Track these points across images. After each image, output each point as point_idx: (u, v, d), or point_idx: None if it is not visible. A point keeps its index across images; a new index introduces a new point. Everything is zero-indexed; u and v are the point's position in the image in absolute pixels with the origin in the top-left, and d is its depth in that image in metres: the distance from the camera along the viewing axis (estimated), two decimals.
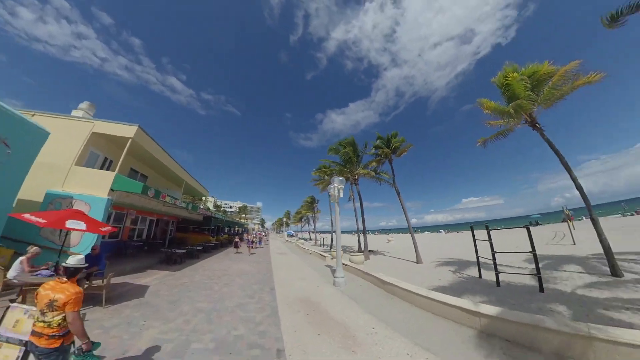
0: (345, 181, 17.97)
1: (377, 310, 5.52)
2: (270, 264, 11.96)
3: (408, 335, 4.13)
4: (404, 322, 4.78)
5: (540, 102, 9.03)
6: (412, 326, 4.59)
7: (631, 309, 5.23)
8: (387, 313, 5.32)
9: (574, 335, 3.31)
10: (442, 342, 3.92)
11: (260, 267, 11.11)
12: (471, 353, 3.59)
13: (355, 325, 4.55)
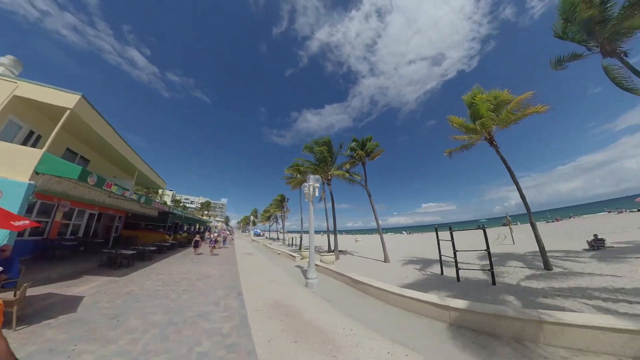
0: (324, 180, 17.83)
1: (353, 310, 5.42)
2: (236, 266, 11.10)
3: (386, 334, 4.09)
4: (380, 321, 4.78)
5: (498, 123, 10.21)
6: (388, 324, 4.62)
7: (562, 295, 6.23)
8: (362, 313, 5.27)
9: (528, 321, 3.75)
10: (418, 337, 4.05)
11: (225, 269, 10.21)
12: (445, 345, 3.79)
13: (333, 328, 4.33)
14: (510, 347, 3.61)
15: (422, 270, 10.94)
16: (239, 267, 10.88)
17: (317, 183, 8.60)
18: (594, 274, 7.91)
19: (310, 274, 7.73)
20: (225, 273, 9.31)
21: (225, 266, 10.98)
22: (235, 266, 11.07)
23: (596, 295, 6.02)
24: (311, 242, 8.53)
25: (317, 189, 8.60)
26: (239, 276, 8.77)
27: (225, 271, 9.72)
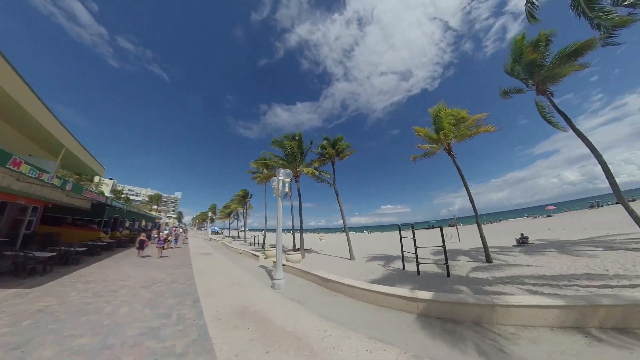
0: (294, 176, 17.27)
1: (325, 310, 5.24)
2: (191, 268, 9.89)
3: (361, 331, 4.03)
4: (353, 319, 4.75)
5: (457, 136, 11.48)
6: (362, 321, 4.62)
7: (502, 283, 7.22)
8: (335, 312, 5.14)
9: (484, 306, 4.27)
10: (392, 331, 4.17)
11: (177, 273, 8.98)
12: (417, 335, 4.02)
13: (307, 332, 4.03)
14: (471, 330, 4.03)
15: (385, 266, 11.44)
16: (195, 269, 9.72)
17: (288, 178, 8.15)
18: (523, 264, 9.31)
19: (278, 274, 7.28)
20: (177, 277, 8.16)
21: (178, 269, 9.68)
22: (190, 269, 9.85)
23: (527, 282, 7.10)
24: (278, 240, 8.07)
25: (287, 184, 8.15)
26: (195, 280, 7.78)
27: (178, 275, 8.54)
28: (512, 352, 3.37)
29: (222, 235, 50.11)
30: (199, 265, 10.83)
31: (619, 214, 20.92)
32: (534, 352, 3.33)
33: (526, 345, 3.52)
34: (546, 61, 10.35)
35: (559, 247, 12.11)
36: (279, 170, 8.32)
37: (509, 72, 11.49)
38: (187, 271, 9.26)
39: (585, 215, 29.55)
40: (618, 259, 8.42)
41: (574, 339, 3.52)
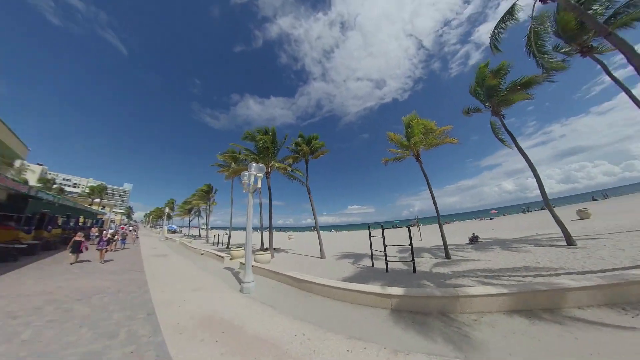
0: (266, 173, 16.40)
1: (301, 312, 5.03)
2: (144, 273, 8.66)
3: (340, 331, 3.97)
4: (330, 319, 4.63)
5: (425, 145, 12.37)
6: (339, 320, 4.54)
7: (461, 276, 7.87)
8: (311, 313, 4.96)
9: (449, 297, 4.65)
10: (369, 328, 4.20)
11: (125, 279, 7.75)
12: (393, 329, 4.13)
13: (285, 338, 3.78)
14: (439, 320, 4.34)
15: (355, 264, 11.64)
16: (148, 274, 8.52)
17: (260, 173, 7.63)
18: (475, 259, 10.36)
19: (247, 276, 6.78)
20: (125, 285, 7.02)
21: (126, 275, 8.38)
22: (142, 274, 8.61)
23: (480, 274, 7.89)
24: (248, 239, 7.52)
25: (259, 179, 7.63)
26: (149, 287, 6.78)
27: (126, 282, 7.36)
28: (475, 336, 3.73)
29: (180, 234, 45.82)
30: (153, 269, 9.56)
31: (545, 217, 25.03)
32: (492, 334, 3.77)
33: (486, 329, 3.93)
34: (502, 88, 12.06)
35: (502, 244, 13.79)
36: (251, 165, 7.76)
37: (472, 93, 13.14)
38: (138, 277, 8.06)
39: (518, 218, 34.10)
40: (546, 254, 9.84)
41: (521, 320, 4.07)
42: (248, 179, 7.81)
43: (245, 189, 7.97)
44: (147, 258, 12.38)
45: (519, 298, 4.41)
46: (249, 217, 7.58)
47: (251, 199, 7.70)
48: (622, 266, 6.79)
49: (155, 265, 10.33)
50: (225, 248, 19.41)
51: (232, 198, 20.74)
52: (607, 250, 8.80)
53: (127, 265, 10.35)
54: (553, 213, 11.49)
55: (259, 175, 7.55)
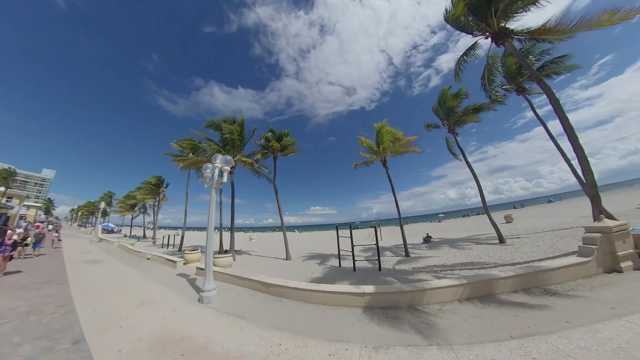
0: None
1: (273, 320, 4.68)
2: (67, 286, 6.98)
3: (318, 335, 3.87)
4: (307, 324, 4.43)
5: (392, 151, 13.28)
6: (316, 324, 4.38)
7: (421, 271, 8.67)
8: (285, 320, 4.65)
9: (416, 291, 5.01)
10: (346, 328, 4.19)
11: (40, 296, 6.12)
12: (369, 326, 4.20)
13: (259, 351, 3.43)
14: (408, 312, 4.61)
15: (322, 264, 11.59)
16: (74, 287, 6.89)
17: (228, 166, 6.88)
18: (431, 256, 11.43)
19: (207, 283, 6.03)
20: (40, 303, 5.52)
21: (42, 290, 6.63)
22: (65, 287, 6.93)
23: (436, 269, 8.75)
24: (209, 241, 6.73)
25: (225, 173, 6.89)
26: (75, 305, 5.45)
27: (42, 300, 5.80)
28: (441, 323, 4.09)
29: (119, 234, 39.41)
30: (81, 280, 7.81)
31: (481, 221, 29.11)
32: (455, 320, 4.17)
33: (449, 316, 4.34)
34: (459, 110, 14.04)
35: (450, 243, 15.42)
36: (216, 156, 6.95)
37: (434, 111, 14.91)
38: (58, 292, 6.45)
39: (461, 221, 39.25)
40: (484, 250, 11.41)
41: (474, 306, 4.65)
42: (212, 171, 7.02)
43: (207, 184, 7.14)
44: (74, 265, 10.11)
45: (470, 287, 5.05)
46: (211, 216, 6.78)
47: (214, 195, 6.91)
48: (538, 258, 8.36)
49: (84, 275, 8.47)
50: (177, 251, 17.34)
51: (188, 193, 18.64)
52: (527, 246, 10.64)
53: (43, 276, 8.22)
54: (490, 217, 13.61)
55: (225, 169, 6.80)
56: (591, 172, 7.71)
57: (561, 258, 6.76)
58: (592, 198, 7.73)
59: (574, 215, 18.78)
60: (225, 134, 12.04)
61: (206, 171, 7.21)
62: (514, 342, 3.25)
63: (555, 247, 9.67)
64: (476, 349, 3.18)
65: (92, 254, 13.97)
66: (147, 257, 12.85)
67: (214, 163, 6.94)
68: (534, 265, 5.82)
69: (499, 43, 9.61)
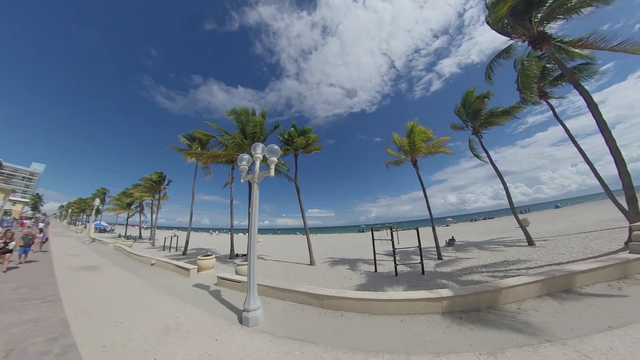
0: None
1: (351, 341, 3.69)
2: (60, 305, 5.25)
3: (415, 350, 3.33)
4: (392, 339, 3.70)
5: (424, 151, 12.56)
6: (403, 338, 3.70)
7: (467, 273, 7.98)
8: (365, 338, 3.75)
9: (493, 291, 4.62)
10: (439, 337, 3.66)
11: (23, 323, 4.39)
12: (461, 331, 3.74)
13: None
14: (491, 313, 4.25)
15: (354, 270, 10.32)
16: (69, 307, 5.16)
17: (274, 156, 5.45)
18: (465, 258, 10.47)
19: (252, 300, 4.58)
20: (24, 337, 3.82)
21: (26, 312, 4.83)
22: (57, 306, 5.18)
23: (481, 270, 8.14)
24: (252, 246, 5.30)
25: (273, 165, 5.48)
26: (74, 338, 3.80)
27: (27, 329, 4.07)
28: (531, 320, 3.81)
29: (113, 234, 36.59)
30: (78, 294, 6.07)
31: (494, 225, 28.33)
32: (542, 316, 3.93)
33: (533, 313, 4.07)
34: (484, 112, 13.43)
35: (476, 246, 14.30)
36: (256, 145, 5.60)
37: (456, 112, 14.37)
38: (49, 314, 4.74)
39: (470, 225, 37.29)
40: (517, 252, 10.54)
41: (552, 302, 4.41)
42: (249, 164, 5.79)
43: (244, 178, 5.87)
44: (66, 273, 8.27)
45: (544, 284, 4.78)
46: (254, 216, 5.39)
47: (256, 191, 5.50)
48: (580, 258, 7.99)
49: (80, 288, 6.72)
50: (181, 255, 15.53)
51: (194, 192, 16.84)
52: (561, 248, 9.95)
53: (27, 290, 6.36)
54: (518, 220, 12.85)
55: (272, 160, 5.41)
56: (628, 174, 7.65)
57: (612, 255, 6.78)
58: (629, 199, 7.65)
59: (590, 219, 18.15)
60: (249, 127, 10.49)
61: (242, 163, 5.86)
62: (618, 332, 3.18)
63: (589, 248, 9.10)
64: (587, 341, 3.06)
65: (86, 258, 12.02)
66: (150, 263, 11.07)
67: (255, 153, 5.57)
68: (613, 257, 5.73)
69: (537, 47, 9.49)
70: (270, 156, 5.41)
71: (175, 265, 9.68)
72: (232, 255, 14.14)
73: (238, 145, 10.84)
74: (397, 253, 11.71)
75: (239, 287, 6.92)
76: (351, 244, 20.33)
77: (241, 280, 6.93)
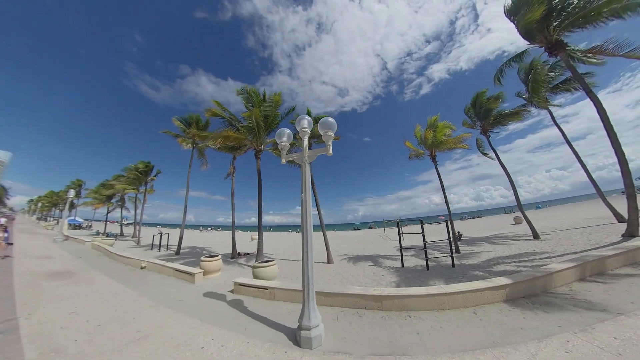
0: (245, 150, 11.74)
1: (441, 343, 3.24)
2: (18, 339, 3.45)
3: (504, 344, 2.93)
4: (476, 334, 3.35)
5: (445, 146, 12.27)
6: (484, 332, 3.37)
7: (494, 264, 7.75)
8: (449, 339, 3.31)
9: (546, 275, 4.61)
10: (528, 323, 3.48)
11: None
12: (537, 315, 3.66)
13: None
14: (549, 297, 4.23)
15: (378, 266, 9.41)
16: (30, 341, 3.34)
17: (331, 130, 3.98)
18: (483, 251, 10.07)
19: (311, 314, 3.38)
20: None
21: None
22: (11, 343, 3.32)
23: (505, 261, 7.99)
24: (309, 244, 3.84)
25: (330, 140, 3.99)
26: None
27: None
28: (590, 299, 3.94)
29: (90, 230, 32.54)
30: (45, 316, 4.19)
31: (489, 222, 28.42)
32: (596, 295, 4.06)
33: (586, 293, 4.23)
34: (494, 112, 13.28)
35: (483, 240, 13.77)
36: (302, 118, 4.19)
37: (465, 112, 14.27)
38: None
39: (463, 223, 34.94)
40: (527, 245, 10.27)
41: (595, 284, 4.61)
42: (289, 140, 4.56)
43: (286, 158, 4.49)
44: (29, 283, 6.17)
45: (582, 268, 4.96)
46: (307, 206, 3.93)
47: (308, 173, 4.10)
48: (590, 248, 7.99)
49: (49, 305, 4.80)
50: (174, 255, 13.46)
51: (189, 183, 14.68)
52: (566, 241, 9.86)
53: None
54: (525, 216, 12.48)
55: (328, 135, 4.02)
56: (629, 173, 8.12)
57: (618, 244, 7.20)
58: (629, 195, 8.15)
59: (577, 217, 18.56)
60: (264, 108, 8.75)
61: (282, 139, 4.42)
62: None
63: (592, 240, 9.15)
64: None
65: (58, 261, 9.68)
66: (140, 266, 9.07)
67: (302, 127, 4.15)
68: (626, 244, 6.07)
69: (553, 54, 9.47)
70: (326, 131, 3.99)
71: (174, 269, 7.88)
72: (234, 255, 12.41)
73: (252, 128, 9.08)
74: (407, 249, 10.89)
75: (265, 295, 5.47)
76: (355, 241, 19.28)
77: (269, 287, 5.45)
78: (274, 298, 5.32)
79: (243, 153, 12.36)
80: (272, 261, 7.34)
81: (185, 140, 11.94)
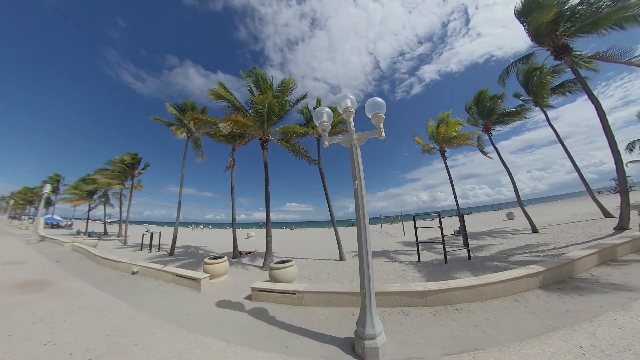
0: (247, 141, 10.57)
1: (504, 334, 3.00)
2: None
3: (562, 326, 2.95)
4: (530, 320, 3.26)
5: (456, 142, 12.63)
6: (535, 317, 3.30)
7: (508, 255, 7.70)
8: (508, 328, 3.12)
9: (569, 262, 4.74)
10: (560, 309, 3.46)
11: None
12: (576, 299, 3.70)
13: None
14: (576, 282, 4.36)
15: (395, 261, 8.90)
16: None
17: (382, 111, 3.28)
18: (491, 245, 9.94)
19: (375, 321, 2.76)
20: None
21: None
22: None
23: (517, 252, 7.94)
24: (365, 240, 3.07)
25: (381, 122, 3.27)
26: None
27: None
28: (615, 282, 4.17)
29: (69, 229, 29.45)
30: (11, 347, 3.06)
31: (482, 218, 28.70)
32: (617, 279, 4.31)
33: (608, 277, 4.42)
34: (496, 110, 13.28)
35: (485, 234, 13.61)
36: (345, 96, 3.42)
37: (467, 109, 14.20)
38: None
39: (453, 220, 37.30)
40: (530, 238, 10.26)
41: (612, 269, 4.84)
42: (330, 119, 3.71)
43: (329, 141, 3.50)
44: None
45: (598, 255, 5.16)
46: (362, 198, 3.17)
47: (359, 156, 3.26)
48: (589, 239, 8.11)
49: (17, 333, 3.60)
50: (167, 256, 12.08)
51: (183, 177, 13.19)
52: (564, 234, 9.96)
53: None
54: (525, 212, 12.66)
55: (380, 116, 3.20)
56: (624, 171, 8.59)
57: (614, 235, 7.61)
58: (622, 192, 8.50)
59: (566, 213, 19.05)
60: (277, 92, 7.63)
61: (321, 119, 3.54)
62: None
63: (588, 233, 9.27)
64: None
65: (30, 266, 8.09)
66: (132, 271, 7.76)
67: (346, 106, 3.39)
68: (624, 235, 6.54)
69: (559, 57, 9.57)
70: (377, 112, 3.19)
71: (173, 274, 6.71)
72: (235, 254, 11.33)
73: (258, 114, 7.95)
74: (413, 244, 10.46)
75: (292, 301, 4.58)
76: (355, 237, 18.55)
77: (298, 290, 4.57)
78: (304, 303, 4.46)
79: (244, 144, 11.17)
80: (291, 261, 6.41)
81: (179, 129, 10.55)
